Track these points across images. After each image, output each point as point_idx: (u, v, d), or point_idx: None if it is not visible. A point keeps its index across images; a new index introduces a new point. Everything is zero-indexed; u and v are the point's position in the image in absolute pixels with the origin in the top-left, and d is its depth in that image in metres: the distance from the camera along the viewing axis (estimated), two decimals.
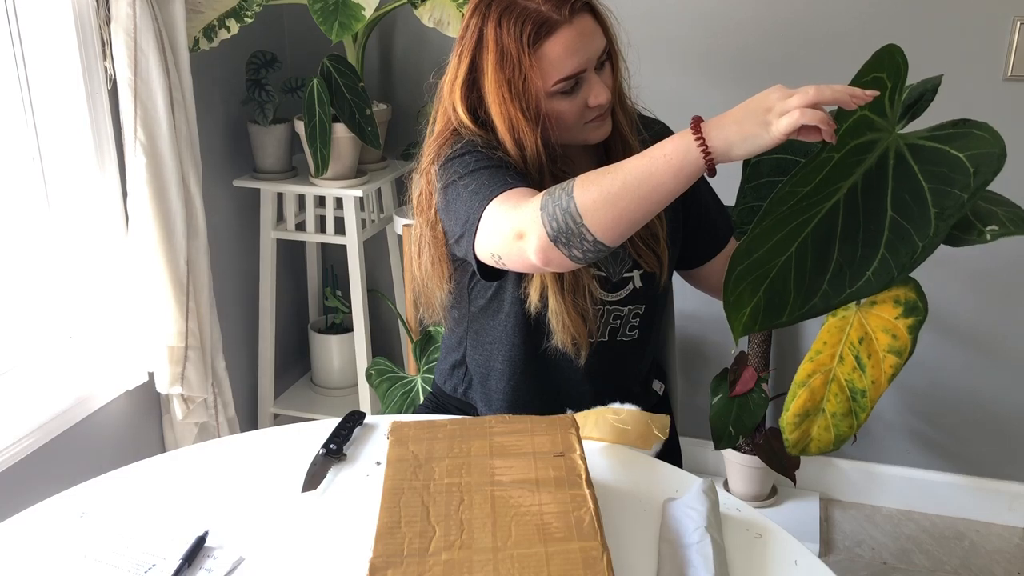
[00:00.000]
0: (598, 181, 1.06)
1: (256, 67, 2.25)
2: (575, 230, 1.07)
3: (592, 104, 1.27)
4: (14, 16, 1.73)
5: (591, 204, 1.05)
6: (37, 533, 1.09)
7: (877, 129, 0.99)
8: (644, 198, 1.04)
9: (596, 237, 1.07)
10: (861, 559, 2.28)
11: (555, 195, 1.09)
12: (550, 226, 1.08)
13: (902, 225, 0.96)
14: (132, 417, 2.07)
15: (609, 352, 1.42)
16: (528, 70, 1.22)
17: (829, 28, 2.16)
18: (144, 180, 1.87)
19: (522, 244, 1.12)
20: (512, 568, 0.88)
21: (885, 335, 1.01)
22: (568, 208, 1.06)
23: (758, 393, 2.17)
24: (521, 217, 1.12)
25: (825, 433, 1.06)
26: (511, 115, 1.25)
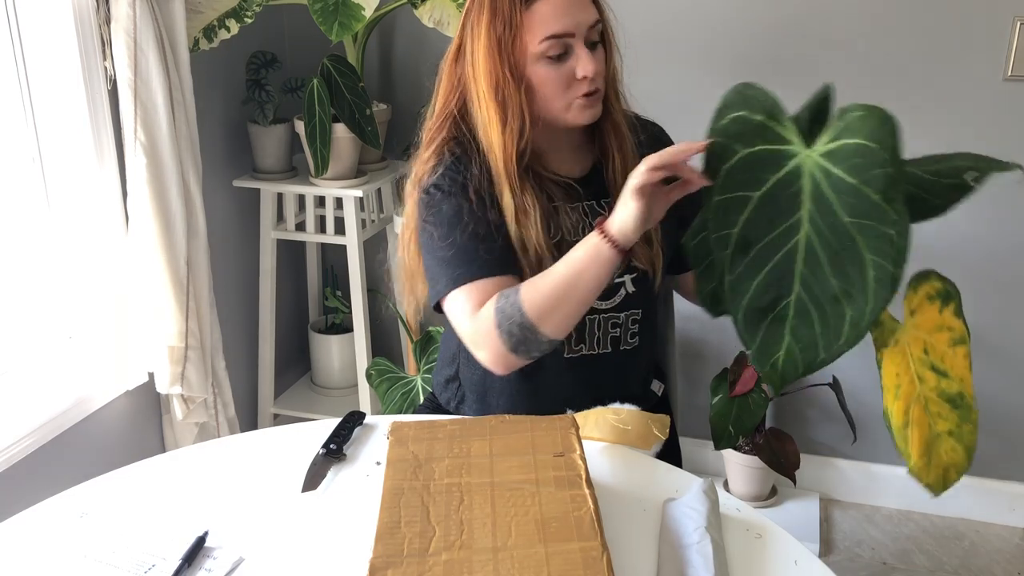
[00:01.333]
0: (541, 291, 1.21)
1: (256, 67, 2.25)
2: (532, 337, 1.22)
3: (579, 75, 1.28)
4: (14, 16, 1.73)
5: (541, 314, 1.21)
6: (37, 533, 1.09)
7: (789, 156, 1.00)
8: (581, 296, 1.21)
9: (551, 337, 1.23)
10: (861, 559, 2.28)
11: (507, 312, 1.22)
12: (508, 341, 1.22)
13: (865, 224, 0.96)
14: (132, 417, 2.07)
15: (613, 363, 1.42)
16: (519, 27, 1.26)
17: (829, 28, 2.16)
18: (144, 180, 1.87)
19: (479, 354, 1.27)
20: (512, 568, 0.88)
21: (941, 333, 1.01)
22: (522, 322, 1.21)
23: (758, 393, 2.17)
24: (477, 331, 1.25)
25: (954, 454, 1.03)
26: (498, 73, 1.27)
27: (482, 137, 1.32)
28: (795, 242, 1.00)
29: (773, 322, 1.03)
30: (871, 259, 0.96)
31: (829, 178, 0.97)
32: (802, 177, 0.99)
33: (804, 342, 1.02)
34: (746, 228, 1.02)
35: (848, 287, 0.98)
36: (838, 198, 0.97)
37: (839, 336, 1.00)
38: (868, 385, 2.38)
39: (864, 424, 2.40)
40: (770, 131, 1.01)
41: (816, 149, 0.99)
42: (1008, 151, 2.15)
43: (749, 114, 1.02)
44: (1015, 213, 2.19)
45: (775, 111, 1.01)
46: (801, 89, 1.09)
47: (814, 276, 0.99)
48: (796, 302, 1.01)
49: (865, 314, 0.97)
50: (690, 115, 2.28)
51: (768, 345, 1.03)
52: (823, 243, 0.98)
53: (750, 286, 1.03)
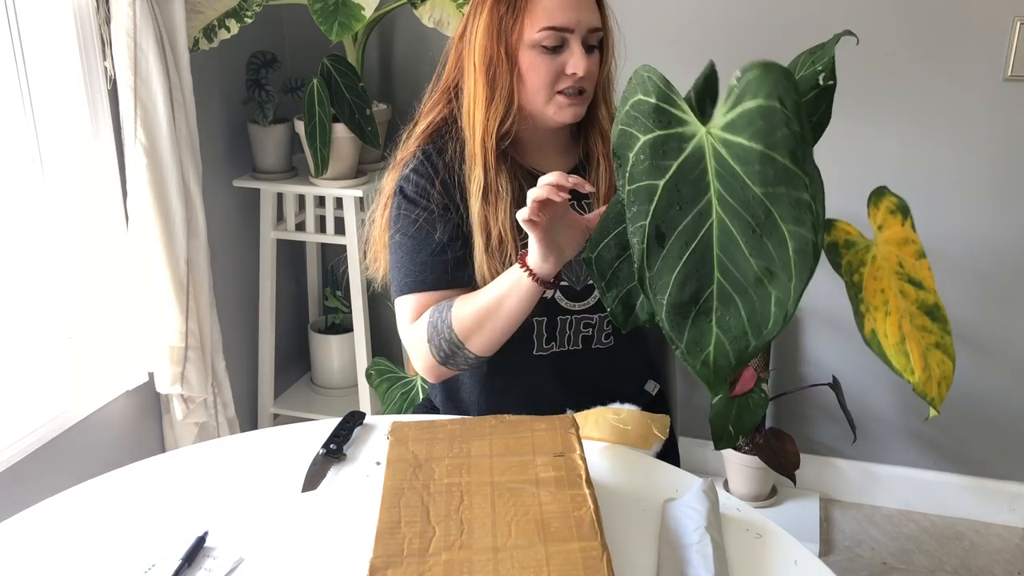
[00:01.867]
0: (468, 312, 1.28)
1: (256, 67, 2.25)
2: (460, 353, 1.31)
3: (568, 71, 1.29)
4: (14, 16, 1.73)
5: (467, 332, 1.29)
6: (37, 533, 1.09)
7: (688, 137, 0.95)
8: (504, 319, 1.28)
9: (477, 355, 1.31)
10: (861, 559, 2.28)
11: (438, 328, 1.30)
12: (438, 355, 1.32)
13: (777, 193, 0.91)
14: (132, 417, 2.07)
15: (583, 361, 1.42)
16: (520, 10, 1.28)
17: (829, 28, 2.16)
18: (144, 180, 1.87)
19: (414, 362, 1.36)
20: (512, 568, 0.88)
21: (908, 246, 1.00)
22: (451, 339, 1.30)
23: (758, 393, 2.17)
24: (412, 341, 1.35)
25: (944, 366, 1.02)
26: (492, 52, 1.30)
27: (465, 115, 1.35)
28: (708, 226, 0.95)
29: (698, 316, 0.98)
30: (789, 229, 0.91)
31: (731, 150, 0.92)
32: (704, 157, 0.94)
33: (732, 332, 0.97)
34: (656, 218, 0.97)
35: (769, 264, 0.93)
36: (745, 169, 0.91)
37: (767, 320, 0.94)
38: (868, 385, 2.38)
39: (864, 424, 2.40)
40: (665, 113, 0.96)
41: (715, 123, 0.93)
42: (1008, 151, 2.17)
43: (643, 97, 0.97)
44: (1015, 213, 2.19)
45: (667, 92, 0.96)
46: None
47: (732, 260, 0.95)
48: (718, 291, 0.97)
49: (791, 291, 0.92)
50: None
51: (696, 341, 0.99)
52: (737, 222, 0.93)
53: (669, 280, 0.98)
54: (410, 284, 1.36)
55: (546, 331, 1.39)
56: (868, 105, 2.20)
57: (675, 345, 0.99)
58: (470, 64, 1.33)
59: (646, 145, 0.96)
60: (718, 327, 0.97)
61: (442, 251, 1.35)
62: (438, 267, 1.35)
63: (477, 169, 1.33)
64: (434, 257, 1.35)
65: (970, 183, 2.18)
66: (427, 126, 1.39)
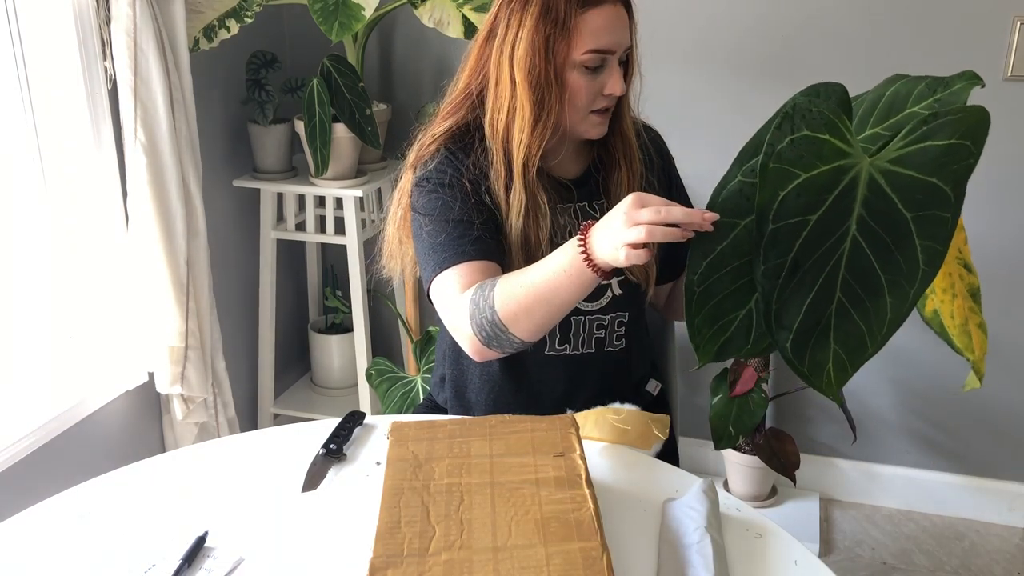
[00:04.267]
0: (515, 295, 1.18)
1: (256, 67, 2.25)
2: (504, 336, 1.21)
3: (606, 92, 1.29)
4: (14, 16, 1.73)
5: (512, 317, 1.19)
6: (37, 533, 1.09)
7: (848, 170, 0.95)
8: (556, 307, 1.18)
9: (523, 340, 1.21)
10: (861, 559, 2.28)
11: (480, 306, 1.21)
12: (480, 335, 1.22)
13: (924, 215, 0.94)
14: (132, 417, 2.07)
15: (597, 363, 1.42)
16: (569, 30, 1.25)
17: (830, 28, 2.16)
18: (144, 180, 1.87)
19: (460, 340, 1.26)
20: (512, 568, 0.88)
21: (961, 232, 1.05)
22: (494, 320, 1.20)
23: (758, 393, 2.18)
24: (455, 317, 1.25)
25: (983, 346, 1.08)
26: (541, 70, 1.26)
27: (498, 127, 1.31)
28: (841, 251, 0.96)
29: (818, 337, 0.98)
30: (922, 244, 0.94)
31: (893, 179, 0.94)
32: (858, 186, 0.95)
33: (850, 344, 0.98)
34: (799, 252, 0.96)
35: (896, 276, 0.95)
36: (901, 196, 0.94)
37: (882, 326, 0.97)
38: (868, 385, 2.38)
39: (864, 424, 2.40)
40: (833, 148, 0.95)
41: (882, 155, 0.95)
42: (1008, 151, 2.17)
43: (812, 134, 0.95)
44: (1015, 213, 2.19)
45: (839, 124, 0.96)
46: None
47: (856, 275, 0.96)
48: (837, 307, 0.98)
49: (909, 296, 0.95)
50: (690, 116, 2.29)
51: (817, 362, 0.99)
52: (873, 242, 0.95)
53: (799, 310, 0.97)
54: (451, 258, 1.27)
55: (559, 331, 1.38)
56: None
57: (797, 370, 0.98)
58: (506, 76, 1.29)
59: (808, 182, 0.94)
60: (835, 343, 0.98)
61: (478, 227, 1.29)
62: (480, 239, 1.29)
63: (518, 186, 1.30)
64: (475, 232, 1.29)
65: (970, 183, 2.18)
66: (447, 130, 1.35)
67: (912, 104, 1.10)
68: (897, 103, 1.09)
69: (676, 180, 1.50)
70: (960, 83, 1.09)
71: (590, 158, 1.41)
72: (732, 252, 1.02)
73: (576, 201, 1.38)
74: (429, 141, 1.36)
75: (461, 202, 1.30)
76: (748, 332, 1.04)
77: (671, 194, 1.47)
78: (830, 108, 0.96)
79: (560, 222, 1.35)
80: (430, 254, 1.30)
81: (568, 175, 1.39)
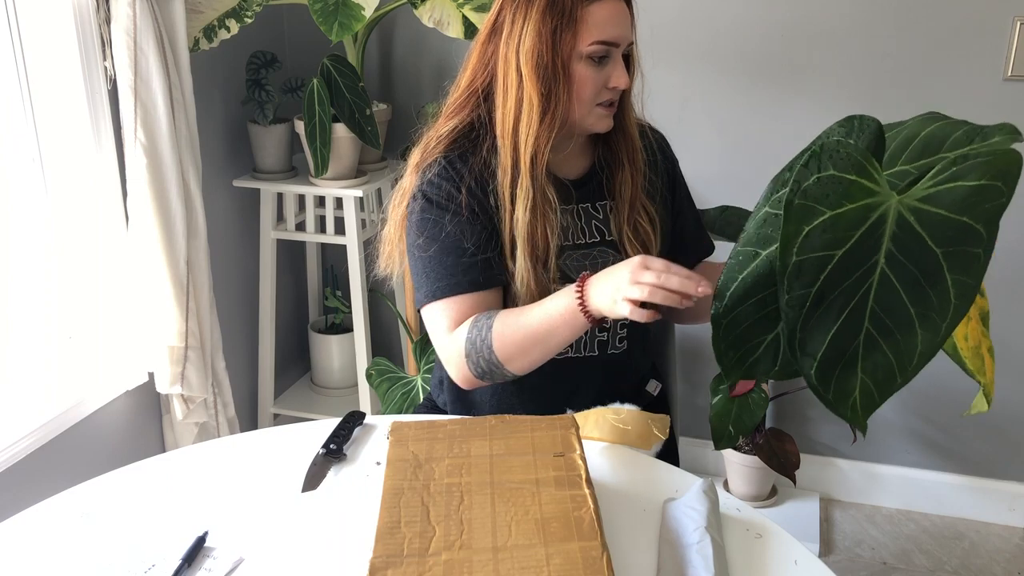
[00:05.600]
0: (512, 337, 1.26)
1: (256, 67, 2.25)
2: (498, 371, 1.29)
3: (611, 85, 1.30)
4: (14, 16, 1.73)
5: (509, 356, 1.27)
6: (37, 533, 1.09)
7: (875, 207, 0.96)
8: (551, 345, 1.26)
9: (516, 374, 1.30)
10: (861, 559, 2.28)
11: (477, 346, 1.27)
12: (475, 370, 1.29)
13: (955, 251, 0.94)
14: (132, 417, 2.07)
15: (599, 367, 1.42)
16: (576, 22, 1.26)
17: (830, 28, 2.16)
18: (144, 180, 1.87)
19: (449, 370, 1.33)
20: (512, 568, 0.88)
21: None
22: (491, 359, 1.27)
23: (758, 393, 2.17)
24: (449, 353, 1.31)
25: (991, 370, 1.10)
26: (548, 63, 1.27)
27: (507, 122, 1.31)
28: (870, 283, 0.97)
29: (845, 367, 0.99)
30: (954, 279, 0.94)
31: (923, 217, 0.94)
32: (887, 223, 0.95)
33: (878, 375, 0.99)
34: (824, 284, 0.96)
35: (927, 311, 0.96)
36: (931, 232, 0.94)
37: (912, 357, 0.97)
38: None
39: None
40: (861, 187, 0.96)
41: (911, 194, 0.95)
42: None
43: (839, 174, 0.95)
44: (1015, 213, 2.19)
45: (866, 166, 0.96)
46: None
47: (885, 308, 0.97)
48: (865, 338, 0.98)
49: (941, 330, 0.95)
50: (691, 116, 2.29)
51: (843, 390, 1.00)
52: (902, 276, 0.95)
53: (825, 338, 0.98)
54: (443, 289, 1.31)
55: None
56: (868, 105, 2.19)
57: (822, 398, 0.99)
58: (513, 70, 1.29)
59: (832, 219, 0.95)
60: (863, 372, 0.99)
61: (474, 253, 1.32)
62: (471, 268, 1.31)
63: (526, 180, 1.30)
64: (467, 259, 1.31)
65: None
66: (451, 130, 1.35)
67: (947, 149, 1.10)
68: (932, 146, 1.09)
69: (680, 183, 1.50)
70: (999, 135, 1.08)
71: (593, 157, 1.41)
72: (756, 283, 1.03)
73: (576, 202, 1.38)
74: (434, 143, 1.36)
75: (453, 225, 1.32)
76: (775, 356, 1.05)
77: (674, 196, 1.47)
78: (859, 150, 0.96)
79: (562, 223, 1.35)
80: (421, 278, 1.34)
81: (570, 175, 1.39)
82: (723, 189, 2.24)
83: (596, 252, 1.37)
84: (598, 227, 1.38)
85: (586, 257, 1.37)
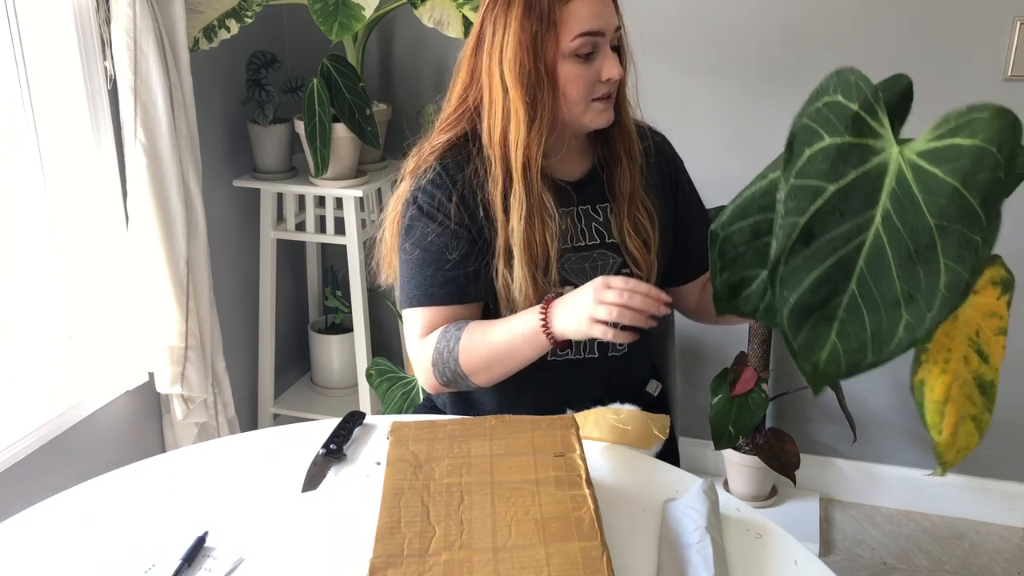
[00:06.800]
0: (477, 352, 1.30)
1: (256, 67, 2.25)
2: (463, 382, 1.34)
3: (604, 77, 1.29)
4: (14, 16, 1.73)
5: (474, 369, 1.31)
6: (37, 533, 1.09)
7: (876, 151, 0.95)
8: (513, 363, 1.31)
9: (480, 385, 1.35)
10: (861, 559, 2.28)
11: (444, 356, 1.32)
12: (441, 379, 1.35)
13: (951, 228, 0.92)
14: (132, 417, 2.07)
15: (600, 368, 1.42)
16: (555, 22, 1.25)
17: (830, 28, 2.16)
18: (144, 180, 1.87)
19: (419, 376, 1.38)
20: (512, 568, 0.88)
21: (992, 319, 0.99)
22: (456, 370, 1.32)
23: (758, 393, 2.18)
24: (417, 358, 1.37)
25: (971, 438, 1.02)
26: (530, 69, 1.26)
27: (495, 133, 1.31)
28: (861, 240, 0.95)
29: (820, 320, 0.98)
30: (947, 264, 0.92)
31: (921, 176, 0.92)
32: (886, 175, 0.94)
33: (852, 343, 0.97)
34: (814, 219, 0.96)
35: (913, 291, 0.93)
36: (927, 198, 0.92)
37: (891, 340, 0.95)
38: (868, 385, 2.38)
39: (864, 424, 2.40)
40: (863, 123, 0.95)
41: (913, 146, 0.94)
42: None
43: (844, 101, 0.95)
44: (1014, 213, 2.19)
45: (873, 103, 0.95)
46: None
47: (875, 276, 0.95)
48: (848, 301, 0.96)
49: (926, 320, 0.93)
50: (692, 117, 2.29)
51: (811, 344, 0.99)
52: (895, 244, 0.94)
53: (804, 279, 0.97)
54: (419, 298, 1.35)
55: None
56: None
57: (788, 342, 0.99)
58: (497, 81, 1.29)
59: (830, 148, 0.95)
60: (837, 336, 0.97)
61: (455, 266, 1.33)
62: (449, 282, 1.33)
63: (519, 189, 1.30)
64: (446, 272, 1.33)
65: None
66: (445, 142, 1.35)
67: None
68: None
69: (685, 186, 1.49)
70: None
71: (593, 159, 1.40)
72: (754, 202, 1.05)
73: (576, 204, 1.38)
74: (428, 151, 1.37)
75: (437, 236, 1.33)
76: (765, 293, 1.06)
77: (677, 200, 1.46)
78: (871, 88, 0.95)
79: (561, 227, 1.35)
80: (404, 282, 1.38)
81: (571, 177, 1.39)
82: (723, 190, 2.24)
83: (596, 255, 1.37)
84: (598, 229, 1.38)
85: (586, 260, 1.36)
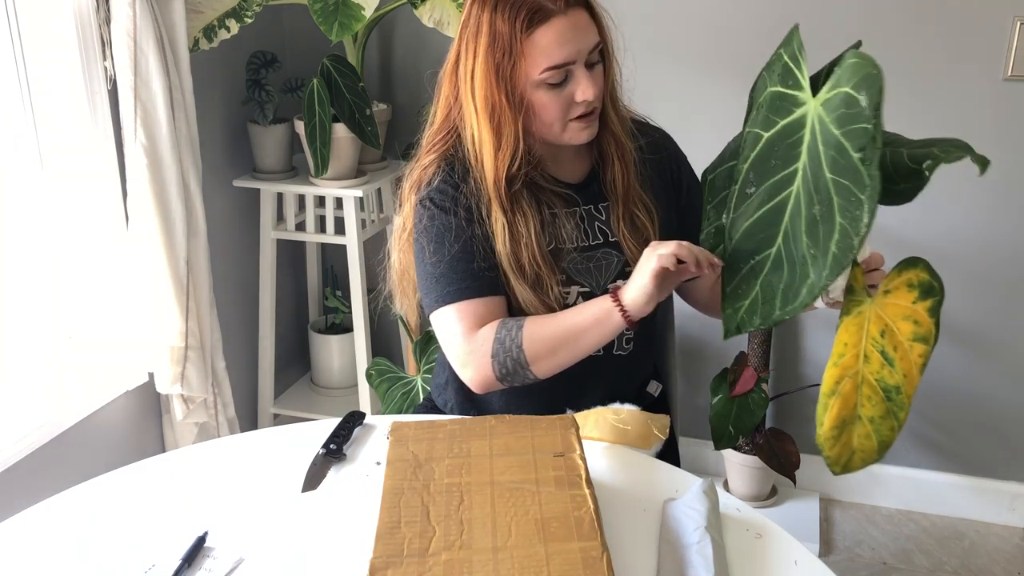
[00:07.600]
0: (543, 337, 1.26)
1: (256, 67, 2.25)
2: (521, 372, 1.28)
3: (579, 99, 1.28)
4: (14, 16, 1.73)
5: (537, 356, 1.26)
6: (37, 533, 1.09)
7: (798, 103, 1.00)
8: (581, 350, 1.27)
9: (537, 376, 1.29)
10: (861, 559, 2.28)
11: (506, 345, 1.27)
12: (499, 370, 1.28)
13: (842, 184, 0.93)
14: (132, 417, 2.07)
15: (606, 367, 1.42)
16: (518, 55, 1.24)
17: (829, 28, 2.16)
18: (144, 180, 1.87)
19: (465, 372, 1.30)
20: (512, 568, 0.88)
21: (907, 323, 0.96)
22: (518, 358, 1.27)
23: (758, 393, 2.18)
24: (470, 354, 1.29)
25: (867, 441, 0.98)
26: (495, 99, 1.27)
27: (470, 155, 1.33)
28: (787, 194, 1.00)
29: (750, 272, 1.04)
30: (840, 224, 0.93)
31: (823, 128, 0.96)
32: (805, 127, 0.98)
33: (767, 295, 1.02)
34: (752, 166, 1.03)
35: (815, 250, 0.96)
36: (825, 152, 0.95)
37: (796, 297, 0.99)
38: None
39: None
40: (790, 74, 1.00)
41: (818, 98, 0.97)
42: (1008, 151, 2.17)
43: (782, 52, 1.03)
44: (1015, 213, 2.19)
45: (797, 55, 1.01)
46: None
47: (794, 233, 0.99)
48: (774, 255, 1.01)
49: (821, 279, 0.96)
50: (691, 116, 2.29)
51: (739, 290, 1.06)
52: (808, 202, 0.97)
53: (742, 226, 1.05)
54: (453, 293, 1.30)
55: None
56: None
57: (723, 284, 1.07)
58: (470, 105, 1.30)
59: (768, 96, 1.03)
60: (760, 286, 1.03)
61: (480, 256, 1.32)
62: (482, 272, 1.31)
63: (496, 212, 1.31)
64: (474, 262, 1.31)
65: (970, 183, 2.18)
66: (433, 162, 1.36)
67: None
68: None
69: (689, 182, 1.48)
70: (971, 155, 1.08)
71: (591, 160, 1.41)
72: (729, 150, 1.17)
73: (581, 205, 1.38)
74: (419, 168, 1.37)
75: (458, 229, 1.32)
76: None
77: (680, 194, 1.46)
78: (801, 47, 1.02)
79: (566, 230, 1.35)
80: (432, 283, 1.33)
81: (573, 178, 1.39)
82: None
83: (600, 254, 1.37)
84: (601, 229, 1.38)
85: (590, 260, 1.37)
